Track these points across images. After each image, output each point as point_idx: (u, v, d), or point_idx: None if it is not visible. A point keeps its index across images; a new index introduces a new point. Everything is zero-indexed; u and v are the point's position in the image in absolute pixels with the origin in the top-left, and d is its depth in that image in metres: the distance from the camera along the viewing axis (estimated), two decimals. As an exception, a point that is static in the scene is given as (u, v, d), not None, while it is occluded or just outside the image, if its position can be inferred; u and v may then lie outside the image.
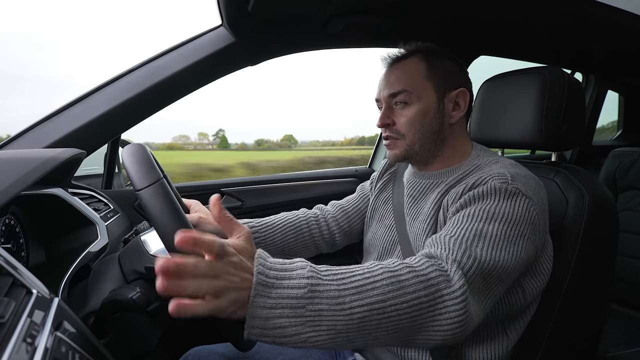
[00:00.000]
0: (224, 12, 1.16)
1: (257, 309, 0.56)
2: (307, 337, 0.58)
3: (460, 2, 1.25)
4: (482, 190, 0.83)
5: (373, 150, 2.13)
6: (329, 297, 0.60)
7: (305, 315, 0.58)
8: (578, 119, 1.03)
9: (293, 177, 1.87)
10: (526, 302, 0.89)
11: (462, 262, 0.71)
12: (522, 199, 0.81)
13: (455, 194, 0.89)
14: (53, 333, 0.49)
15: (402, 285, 0.64)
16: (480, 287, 0.72)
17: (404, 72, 0.99)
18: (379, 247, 1.07)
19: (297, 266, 0.62)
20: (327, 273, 0.63)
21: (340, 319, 0.60)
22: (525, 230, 0.79)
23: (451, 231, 0.78)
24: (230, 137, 7.83)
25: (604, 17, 1.36)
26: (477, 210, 0.81)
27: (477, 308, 0.71)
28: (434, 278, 0.67)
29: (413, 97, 0.97)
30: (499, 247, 0.75)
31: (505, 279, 0.76)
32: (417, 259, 0.71)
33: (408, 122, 0.98)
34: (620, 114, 3.09)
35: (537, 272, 0.89)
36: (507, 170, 0.87)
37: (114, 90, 1.24)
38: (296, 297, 0.58)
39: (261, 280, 0.57)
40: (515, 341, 0.93)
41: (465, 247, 0.73)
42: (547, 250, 0.91)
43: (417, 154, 1.00)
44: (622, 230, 1.88)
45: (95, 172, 1.64)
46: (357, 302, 0.61)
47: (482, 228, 0.77)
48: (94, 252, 0.95)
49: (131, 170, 0.68)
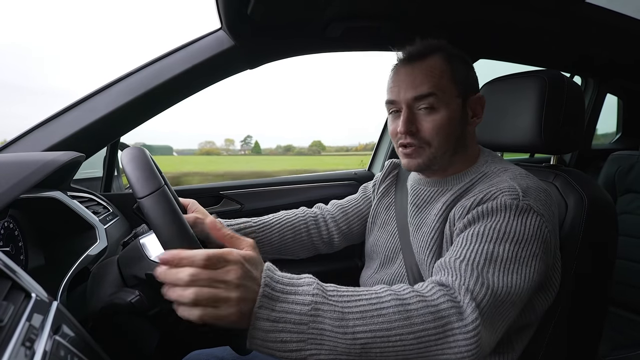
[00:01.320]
0: (223, 15, 1.16)
1: (260, 320, 0.56)
2: (307, 354, 0.58)
3: (460, 6, 1.25)
4: (491, 207, 0.79)
5: (372, 153, 2.13)
6: (332, 318, 0.59)
7: (307, 332, 0.58)
8: (577, 122, 1.04)
9: (292, 180, 1.87)
10: (535, 317, 0.88)
11: (474, 291, 0.68)
12: (534, 217, 0.78)
13: (462, 208, 0.85)
14: (52, 337, 0.49)
15: (410, 314, 0.63)
16: (494, 315, 0.69)
17: (430, 72, 0.89)
18: (381, 254, 1.06)
19: (304, 282, 0.61)
20: (334, 293, 0.62)
21: (341, 342, 0.59)
22: (537, 250, 0.76)
23: (460, 254, 0.75)
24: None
25: (603, 20, 1.37)
26: (486, 228, 0.77)
27: (489, 337, 0.69)
28: (445, 310, 0.65)
29: (440, 101, 0.89)
30: (511, 271, 0.73)
31: (518, 303, 0.74)
32: (428, 287, 0.69)
33: (435, 129, 0.89)
34: (619, 117, 3.09)
35: (547, 287, 0.87)
36: (518, 183, 0.83)
37: (113, 93, 1.24)
38: (300, 314, 0.58)
39: (267, 292, 0.57)
40: (520, 352, 0.90)
41: (477, 273, 0.70)
42: (556, 266, 0.89)
43: (438, 163, 0.93)
44: (621, 234, 1.87)
45: (95, 175, 1.64)
46: (360, 327, 0.60)
47: (493, 250, 0.74)
48: (93, 256, 0.95)
49: (132, 177, 0.68)
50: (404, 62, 0.94)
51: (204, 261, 0.55)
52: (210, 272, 0.55)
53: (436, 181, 0.98)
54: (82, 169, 1.15)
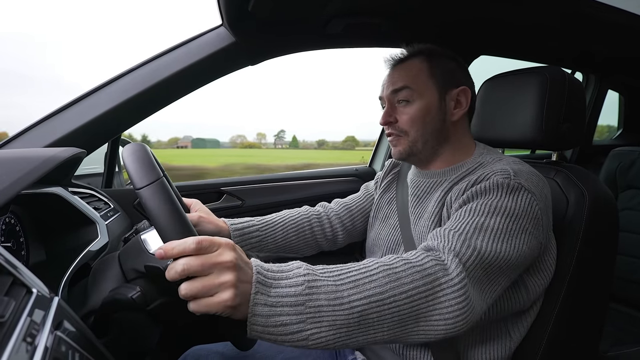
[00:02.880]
0: (224, 12, 1.16)
1: (259, 306, 0.57)
2: (309, 334, 0.59)
3: (461, 2, 1.25)
4: (484, 186, 0.83)
5: (373, 150, 2.13)
6: (327, 292, 0.61)
7: (305, 312, 0.59)
8: (578, 118, 1.03)
9: (293, 176, 1.87)
10: (529, 300, 0.89)
11: (460, 252, 0.71)
12: (525, 194, 0.81)
13: (458, 191, 0.89)
14: (53, 332, 0.49)
15: (398, 276, 0.66)
16: (481, 277, 0.72)
17: (407, 71, 1.00)
18: (383, 247, 1.07)
19: (293, 266, 0.64)
20: (324, 270, 0.65)
21: (340, 314, 0.61)
22: (527, 225, 0.79)
23: (452, 225, 0.78)
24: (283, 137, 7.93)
25: (604, 17, 1.36)
26: (479, 204, 0.81)
27: (479, 298, 0.71)
28: (430, 267, 0.68)
29: (415, 94, 0.98)
30: (500, 240, 0.75)
31: (507, 271, 0.76)
32: (415, 252, 0.72)
33: (410, 120, 0.99)
34: (621, 113, 3.09)
35: (541, 269, 0.89)
36: (510, 167, 0.87)
37: (114, 89, 1.24)
38: (295, 295, 0.59)
39: (260, 279, 0.59)
40: (518, 342, 0.93)
41: (464, 238, 0.74)
42: (551, 248, 0.91)
43: (420, 151, 1.01)
44: (622, 230, 1.88)
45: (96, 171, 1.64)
46: (355, 295, 0.62)
47: (484, 222, 0.77)
48: (94, 251, 0.95)
49: (131, 169, 0.68)
50: (389, 66, 1.06)
51: (196, 245, 0.56)
52: (203, 257, 0.56)
53: (434, 172, 1.03)
54: (83, 165, 1.15)
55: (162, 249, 0.57)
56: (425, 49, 1.02)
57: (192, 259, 0.56)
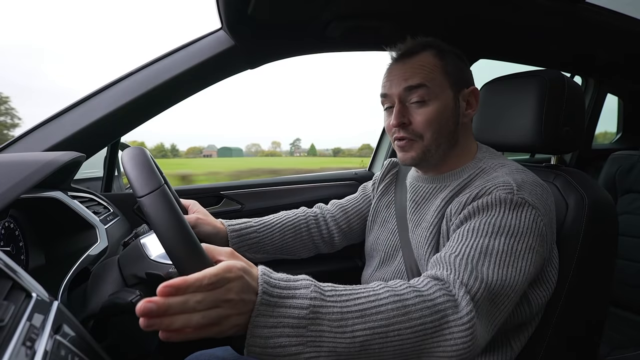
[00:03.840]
0: (223, 15, 1.16)
1: (258, 328, 0.56)
2: (307, 357, 0.58)
3: (460, 6, 1.25)
4: (486, 202, 0.80)
5: (373, 153, 2.13)
6: (331, 319, 0.59)
7: (306, 335, 0.57)
8: (577, 122, 1.04)
9: (292, 180, 1.87)
10: (532, 314, 0.88)
11: (468, 284, 0.69)
12: (529, 210, 0.78)
13: (458, 204, 0.86)
14: (52, 336, 0.49)
15: (408, 310, 0.63)
16: (488, 308, 0.70)
17: (421, 65, 0.92)
18: (381, 252, 1.07)
19: (301, 285, 0.61)
20: (332, 294, 0.62)
21: (341, 342, 0.59)
22: (533, 243, 0.77)
23: (456, 249, 0.76)
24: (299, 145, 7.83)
25: (602, 20, 1.37)
26: (481, 223, 0.78)
27: (484, 331, 0.70)
28: (441, 303, 0.65)
29: (431, 93, 0.91)
30: (506, 264, 0.73)
31: (513, 296, 0.74)
32: (424, 282, 0.69)
33: (427, 122, 0.91)
34: (620, 117, 3.09)
35: (543, 281, 0.87)
36: (513, 178, 0.84)
37: (113, 93, 1.24)
38: (298, 317, 0.57)
39: (265, 300, 0.57)
40: (519, 352, 0.91)
41: (471, 267, 0.71)
42: (553, 259, 0.89)
43: (433, 156, 0.95)
44: (622, 234, 1.88)
45: (95, 175, 1.64)
46: (359, 325, 0.60)
47: (488, 244, 0.75)
48: (93, 256, 0.95)
49: (132, 176, 0.68)
50: (396, 60, 0.98)
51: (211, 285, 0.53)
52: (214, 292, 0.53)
53: (434, 177, 0.99)
54: (83, 169, 1.15)
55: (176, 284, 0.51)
56: (434, 43, 0.96)
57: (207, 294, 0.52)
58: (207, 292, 0.52)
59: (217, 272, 0.54)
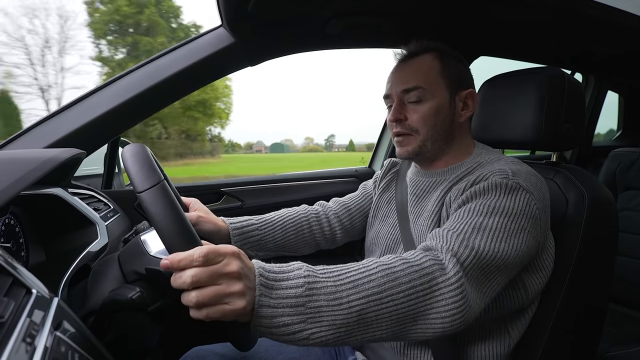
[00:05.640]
0: (223, 12, 1.16)
1: (262, 307, 0.59)
2: (309, 333, 0.61)
3: (460, 3, 1.25)
4: (483, 186, 0.84)
5: (373, 150, 2.13)
6: (326, 293, 0.63)
7: (305, 312, 0.61)
8: (578, 119, 1.03)
9: (293, 177, 1.87)
10: (528, 299, 0.90)
11: (458, 252, 0.72)
12: (523, 194, 0.82)
13: (457, 191, 0.90)
14: (53, 333, 0.49)
15: (396, 276, 0.67)
16: (479, 276, 0.73)
17: (419, 68, 0.98)
18: (382, 245, 1.07)
19: (294, 267, 0.65)
20: (324, 271, 0.66)
21: (339, 314, 0.62)
22: (525, 224, 0.79)
23: (451, 226, 0.79)
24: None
25: (603, 17, 1.36)
26: (477, 205, 0.81)
27: (477, 297, 0.72)
28: (428, 267, 0.69)
29: (427, 94, 0.96)
30: (498, 239, 0.76)
31: (505, 270, 0.77)
32: (413, 252, 0.73)
33: (422, 118, 0.97)
34: (620, 114, 3.09)
35: (539, 268, 0.89)
36: (509, 167, 0.87)
37: (114, 90, 1.24)
38: (295, 296, 0.61)
39: (263, 281, 0.61)
40: (517, 340, 0.93)
41: (462, 238, 0.75)
42: (548, 247, 0.91)
43: (429, 150, 1.00)
44: (622, 230, 1.88)
45: (95, 172, 1.64)
46: (353, 295, 0.64)
47: (482, 221, 0.78)
48: (93, 252, 0.95)
49: (132, 172, 0.68)
50: (398, 62, 1.04)
51: (203, 258, 0.57)
52: (210, 268, 0.58)
53: (434, 172, 1.03)
54: (83, 166, 1.15)
55: (168, 260, 0.58)
56: (436, 46, 1.01)
57: (201, 270, 0.57)
58: (200, 267, 0.57)
59: (208, 248, 0.59)
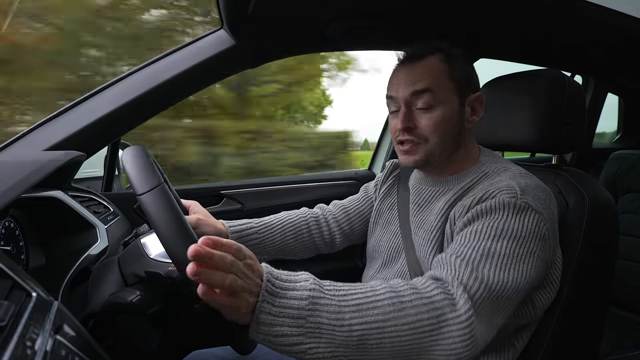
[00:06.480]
0: (224, 15, 1.16)
1: (263, 314, 0.58)
2: (307, 347, 0.60)
3: (460, 6, 1.25)
4: (490, 205, 0.80)
5: (373, 152, 2.13)
6: (329, 311, 0.61)
7: (305, 326, 0.59)
8: (578, 121, 1.03)
9: (293, 179, 1.87)
10: (537, 315, 0.88)
11: (468, 284, 0.69)
12: (532, 214, 0.78)
13: (462, 207, 0.86)
14: (53, 336, 0.49)
15: (404, 306, 0.64)
16: (488, 309, 0.70)
17: (428, 70, 0.92)
18: (384, 253, 1.06)
19: (302, 278, 0.63)
20: (330, 288, 0.64)
21: (338, 334, 0.61)
22: (534, 247, 0.77)
23: (458, 250, 0.76)
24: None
25: (603, 19, 1.36)
26: (484, 226, 0.78)
27: (484, 332, 0.70)
28: (438, 301, 0.66)
29: (437, 99, 0.90)
30: (507, 267, 0.73)
31: (514, 299, 0.74)
32: (423, 281, 0.70)
33: (432, 126, 0.91)
34: (620, 116, 3.09)
35: (547, 284, 0.87)
36: (516, 182, 0.83)
37: (114, 92, 1.24)
38: (298, 308, 0.60)
39: (269, 288, 0.59)
40: (521, 350, 0.91)
41: (471, 268, 0.71)
42: (556, 262, 0.89)
43: (437, 160, 0.94)
44: (622, 233, 1.87)
45: (95, 175, 1.64)
46: (356, 319, 0.62)
47: (490, 247, 0.75)
48: (93, 255, 0.95)
49: (132, 174, 0.68)
50: (403, 63, 0.97)
51: (238, 251, 0.58)
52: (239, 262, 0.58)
53: (438, 181, 0.99)
54: (83, 169, 1.15)
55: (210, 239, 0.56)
56: (443, 48, 0.95)
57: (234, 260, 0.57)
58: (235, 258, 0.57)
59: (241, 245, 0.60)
